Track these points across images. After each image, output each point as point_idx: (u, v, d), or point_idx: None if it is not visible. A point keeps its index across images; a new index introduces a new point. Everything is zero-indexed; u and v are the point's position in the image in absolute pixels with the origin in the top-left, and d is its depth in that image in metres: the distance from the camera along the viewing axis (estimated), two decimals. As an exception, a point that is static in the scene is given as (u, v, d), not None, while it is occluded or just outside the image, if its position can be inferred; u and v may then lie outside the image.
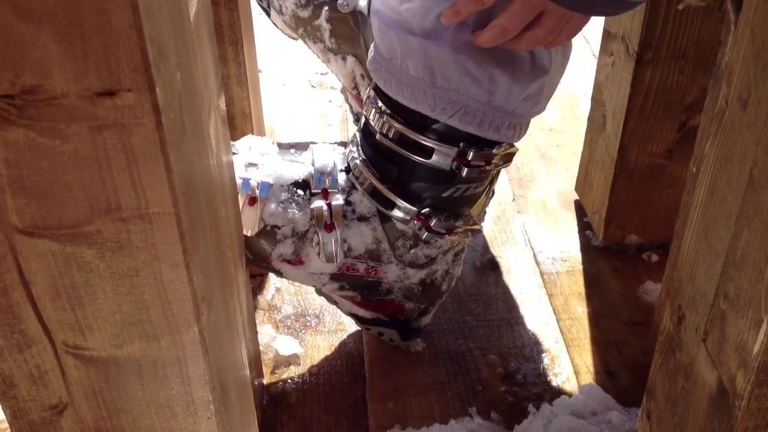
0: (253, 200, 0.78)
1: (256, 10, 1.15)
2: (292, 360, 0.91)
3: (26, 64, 0.35)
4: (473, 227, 0.81)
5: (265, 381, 0.89)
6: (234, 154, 0.82)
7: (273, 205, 0.78)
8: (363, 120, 0.79)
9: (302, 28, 1.11)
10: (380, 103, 0.75)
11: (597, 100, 1.06)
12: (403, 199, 0.77)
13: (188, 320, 0.44)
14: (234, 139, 0.83)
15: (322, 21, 1.08)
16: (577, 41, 1.57)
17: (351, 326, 0.95)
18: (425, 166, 0.75)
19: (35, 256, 0.41)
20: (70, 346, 0.44)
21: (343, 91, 1.23)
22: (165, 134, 0.38)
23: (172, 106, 0.40)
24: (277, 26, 1.15)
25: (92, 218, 0.40)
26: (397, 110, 0.74)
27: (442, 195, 0.77)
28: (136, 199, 0.39)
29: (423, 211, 0.77)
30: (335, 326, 0.96)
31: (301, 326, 0.96)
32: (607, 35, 1.02)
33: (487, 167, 0.76)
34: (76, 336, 0.44)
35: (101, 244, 0.41)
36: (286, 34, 1.16)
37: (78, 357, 0.45)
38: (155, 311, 0.43)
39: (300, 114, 1.38)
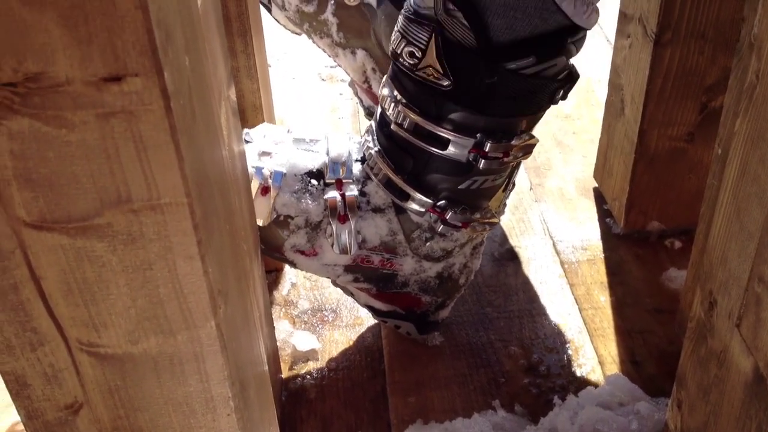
0: (266, 189, 0.76)
1: (263, 4, 1.13)
2: (310, 355, 0.90)
3: (28, 50, 0.34)
4: (490, 220, 0.79)
5: (283, 377, 0.88)
6: (247, 142, 0.81)
7: (286, 195, 0.77)
8: (379, 110, 0.78)
9: (307, 23, 1.08)
10: (396, 92, 0.74)
11: (614, 85, 1.04)
12: (418, 191, 0.75)
13: (205, 314, 0.43)
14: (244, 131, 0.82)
15: (328, 15, 1.06)
16: (590, 27, 1.55)
17: (369, 320, 0.94)
18: (441, 158, 0.73)
19: (45, 250, 0.39)
20: (83, 343, 0.43)
21: (352, 84, 1.21)
22: (175, 120, 0.36)
23: (182, 91, 0.38)
24: (279, 22, 1.13)
25: (102, 210, 0.38)
26: (412, 99, 0.72)
27: (459, 187, 0.75)
28: (147, 189, 0.38)
29: (439, 203, 0.76)
30: (353, 320, 0.95)
31: (318, 321, 0.95)
32: (623, 17, 1.00)
33: (506, 159, 0.74)
34: (89, 333, 0.43)
35: (112, 237, 0.39)
36: (288, 30, 1.14)
37: (92, 354, 0.44)
38: (170, 306, 0.42)
39: (311, 107, 1.36)
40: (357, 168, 0.78)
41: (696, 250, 0.83)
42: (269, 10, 1.12)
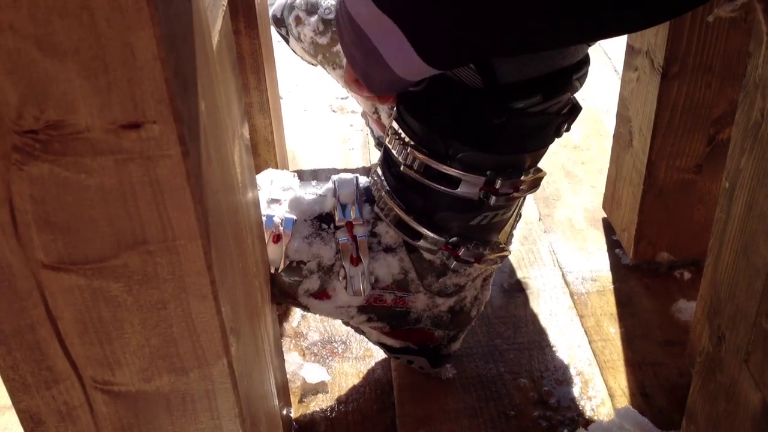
0: (277, 237, 0.77)
1: (275, 38, 1.15)
2: (319, 388, 0.90)
3: (50, 98, 0.35)
4: (502, 253, 0.80)
5: (293, 410, 0.88)
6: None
7: (297, 241, 0.77)
8: (384, 150, 0.78)
9: (321, 54, 1.11)
10: (403, 135, 0.74)
11: (622, 116, 1.05)
12: (429, 230, 0.76)
13: (217, 352, 0.43)
14: (257, 165, 0.83)
15: (340, 47, 1.08)
16: (598, 57, 1.57)
17: (378, 352, 0.94)
18: (452, 196, 0.74)
19: (62, 291, 0.40)
20: (98, 381, 0.44)
21: (364, 115, 1.23)
22: (191, 165, 0.37)
23: (198, 136, 0.39)
24: (296, 53, 1.16)
25: (119, 252, 0.39)
26: (421, 141, 0.73)
27: (470, 223, 0.76)
28: (162, 231, 0.39)
29: (451, 240, 0.76)
30: (362, 352, 0.95)
31: (328, 353, 0.95)
32: (631, 50, 1.01)
33: (515, 194, 0.74)
34: (104, 371, 0.43)
35: (128, 278, 0.40)
36: (305, 61, 1.16)
37: (106, 392, 0.44)
38: (183, 344, 0.43)
39: (322, 139, 1.38)
40: (366, 209, 0.79)
41: (705, 283, 0.83)
42: (287, 42, 1.14)
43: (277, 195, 0.81)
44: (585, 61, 0.72)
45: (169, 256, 0.40)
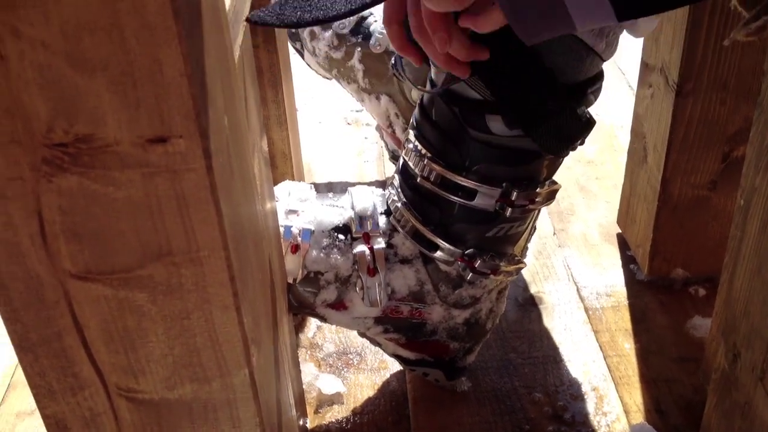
0: (295, 248, 0.78)
1: (290, 51, 1.16)
2: (335, 399, 0.91)
3: (80, 113, 0.36)
4: (518, 266, 0.81)
5: (309, 420, 0.88)
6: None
7: (315, 252, 0.78)
8: (401, 162, 0.79)
9: (336, 68, 1.12)
10: (420, 147, 0.75)
11: (637, 133, 1.05)
12: (445, 241, 0.76)
13: (239, 362, 0.44)
14: (275, 178, 0.84)
15: (355, 62, 1.09)
16: (612, 72, 1.57)
17: (393, 364, 0.95)
18: (468, 208, 0.75)
19: (88, 300, 0.41)
20: (122, 389, 0.45)
21: (378, 128, 1.24)
22: (215, 178, 0.38)
23: (221, 150, 0.40)
24: (311, 67, 1.17)
25: (144, 263, 0.40)
26: (438, 153, 0.74)
27: (486, 235, 0.76)
28: (186, 243, 0.40)
29: (467, 252, 0.77)
30: (378, 364, 0.96)
31: (344, 364, 0.96)
32: (645, 67, 1.02)
33: (531, 206, 0.75)
34: (128, 379, 0.44)
35: (153, 288, 0.41)
36: (320, 75, 1.18)
37: (130, 400, 0.45)
38: (206, 354, 0.44)
39: (337, 152, 1.39)
40: (383, 221, 0.80)
41: (720, 300, 0.83)
42: (302, 56, 1.15)
43: (294, 206, 0.82)
44: (599, 76, 0.72)
45: (193, 267, 0.41)
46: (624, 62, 1.59)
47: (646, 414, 0.88)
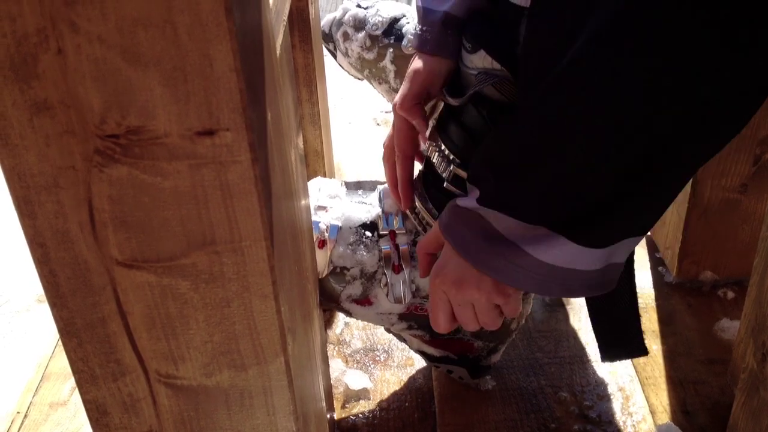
0: (322, 243, 0.80)
1: (323, 52, 1.18)
2: (362, 394, 0.92)
3: (132, 106, 0.37)
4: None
5: (336, 415, 0.90)
6: None
7: (342, 247, 0.80)
8: (427, 164, 0.80)
9: (368, 69, 1.13)
10: (447, 152, 0.75)
11: (667, 135, 1.05)
12: None
13: (275, 351, 0.45)
14: (307, 175, 0.86)
15: (386, 62, 1.10)
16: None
17: (420, 362, 0.95)
18: None
19: (133, 287, 0.43)
20: (162, 375, 0.46)
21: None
22: (259, 171, 0.40)
23: (265, 144, 0.42)
24: (343, 68, 1.19)
25: (188, 251, 0.41)
26: (464, 159, 0.74)
27: None
28: (229, 232, 0.41)
29: None
30: (404, 361, 0.96)
31: (371, 361, 0.97)
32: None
33: None
34: (168, 365, 0.46)
35: (196, 276, 0.42)
36: (351, 75, 1.19)
37: (169, 386, 0.46)
38: (244, 341, 0.45)
39: (366, 151, 1.40)
40: (409, 219, 0.81)
41: (749, 302, 0.83)
42: (335, 57, 1.17)
43: (324, 202, 0.83)
44: None
45: (235, 256, 0.42)
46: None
47: (672, 415, 0.88)
